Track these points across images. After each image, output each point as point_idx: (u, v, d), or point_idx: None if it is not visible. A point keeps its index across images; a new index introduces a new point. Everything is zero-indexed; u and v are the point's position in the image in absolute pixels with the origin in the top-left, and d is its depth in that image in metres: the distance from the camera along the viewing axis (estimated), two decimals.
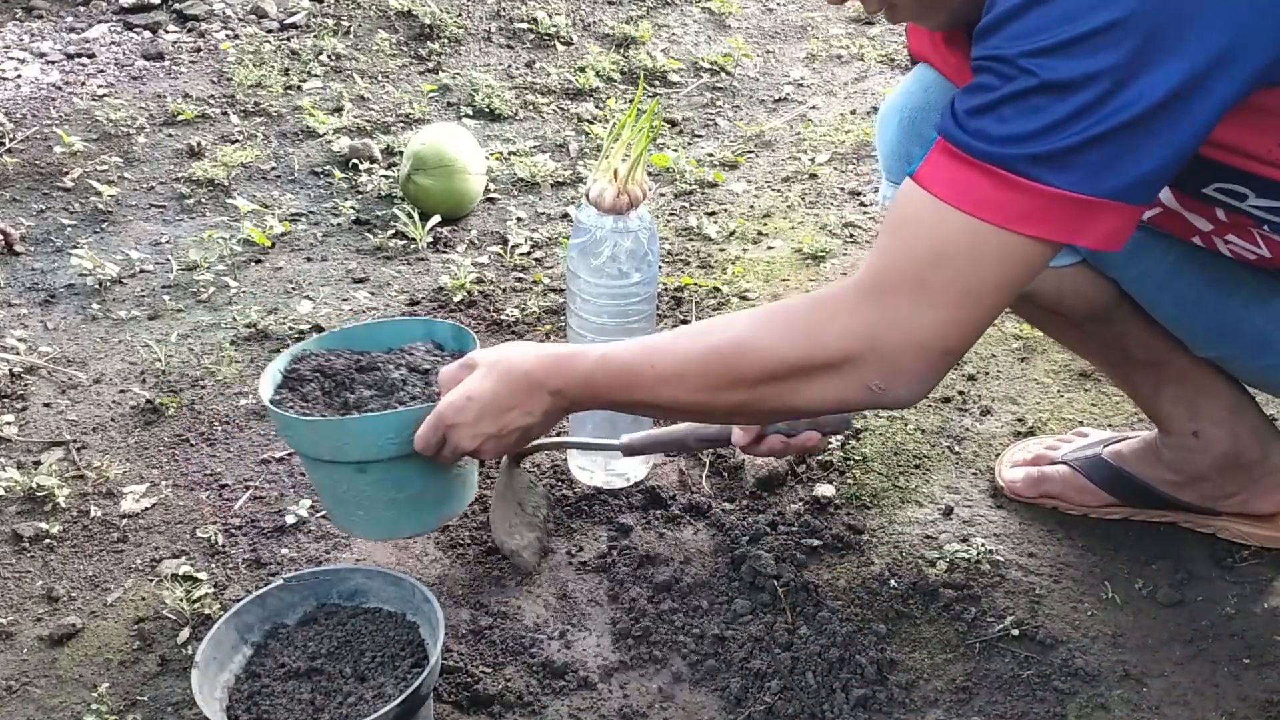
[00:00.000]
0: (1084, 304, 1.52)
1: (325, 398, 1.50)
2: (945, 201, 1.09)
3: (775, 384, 1.21)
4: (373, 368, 1.54)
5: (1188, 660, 1.51)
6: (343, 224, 2.45)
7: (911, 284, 1.12)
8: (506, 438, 1.34)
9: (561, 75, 3.01)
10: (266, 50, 3.07)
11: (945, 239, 1.10)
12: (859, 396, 1.19)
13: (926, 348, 1.14)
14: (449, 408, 1.34)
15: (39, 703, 1.46)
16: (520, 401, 1.33)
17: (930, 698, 1.45)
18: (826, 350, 1.17)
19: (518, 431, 1.34)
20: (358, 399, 1.49)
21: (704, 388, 1.25)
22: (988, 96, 1.06)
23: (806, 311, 1.21)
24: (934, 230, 1.11)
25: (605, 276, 1.64)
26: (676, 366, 1.26)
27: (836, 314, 1.17)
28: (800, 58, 3.16)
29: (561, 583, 1.62)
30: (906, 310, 1.13)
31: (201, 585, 1.60)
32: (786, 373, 1.20)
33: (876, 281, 1.15)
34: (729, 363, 1.23)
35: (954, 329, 1.14)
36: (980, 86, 1.07)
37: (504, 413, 1.33)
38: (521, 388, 1.32)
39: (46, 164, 2.62)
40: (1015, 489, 1.74)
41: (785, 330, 1.20)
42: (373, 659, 1.39)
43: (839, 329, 1.16)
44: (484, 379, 1.33)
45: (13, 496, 1.75)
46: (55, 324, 2.15)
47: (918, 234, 1.12)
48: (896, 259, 1.14)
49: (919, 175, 1.12)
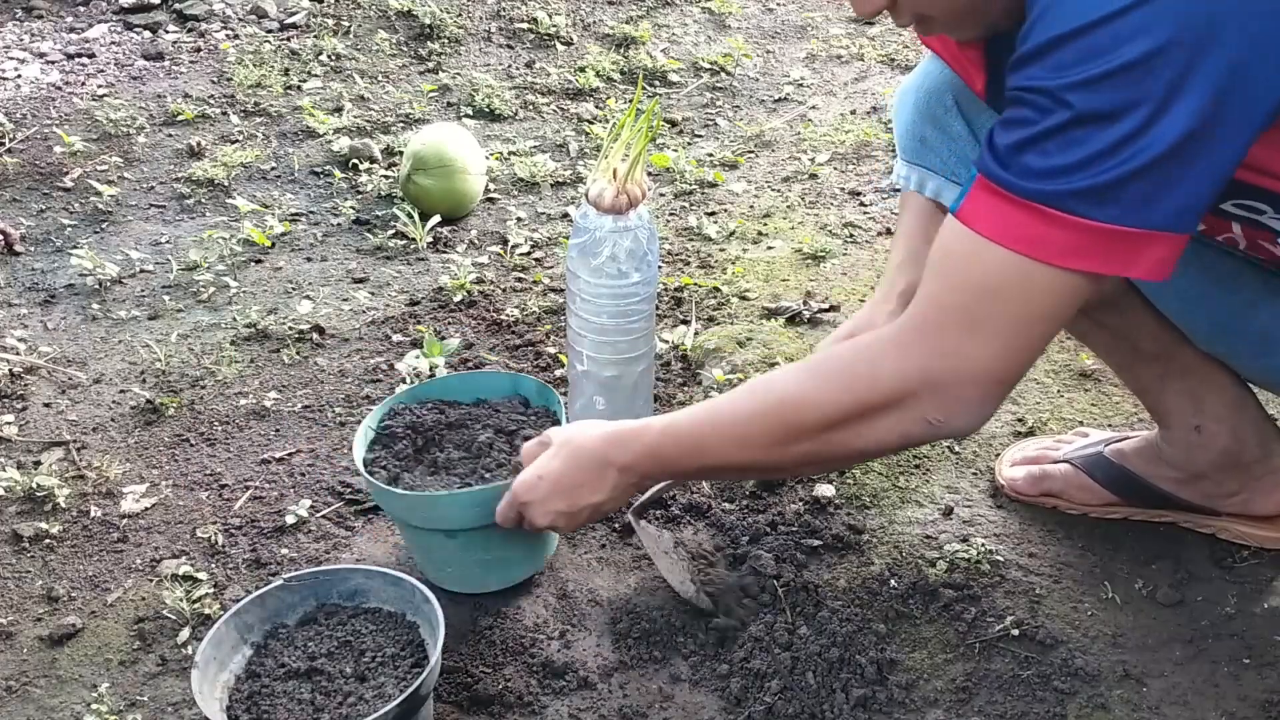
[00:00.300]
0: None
1: (415, 454, 1.61)
2: (990, 239, 1.10)
3: (837, 431, 1.23)
4: (460, 425, 1.65)
5: (1188, 660, 1.51)
6: (343, 224, 2.45)
7: (961, 319, 1.13)
8: (578, 514, 1.40)
9: (561, 75, 3.01)
10: (266, 50, 3.07)
11: (993, 275, 1.11)
12: (920, 431, 1.20)
13: (981, 379, 1.15)
14: (522, 486, 1.41)
15: (39, 703, 1.46)
16: (589, 479, 1.38)
17: (930, 698, 1.45)
18: (882, 391, 1.18)
19: (588, 508, 1.39)
20: (446, 459, 1.60)
21: (769, 445, 1.27)
22: (1027, 131, 1.06)
23: (856, 356, 1.22)
24: (981, 267, 1.11)
25: (605, 276, 1.64)
26: (739, 428, 1.29)
27: (887, 354, 1.18)
28: (800, 58, 3.16)
29: (561, 583, 1.62)
30: (958, 344, 1.14)
31: (201, 585, 1.60)
32: (846, 418, 1.21)
33: (926, 319, 1.16)
34: (788, 418, 1.25)
35: (1006, 360, 1.15)
36: (1018, 120, 1.07)
37: (573, 490, 1.38)
38: (589, 466, 1.38)
39: (46, 164, 2.62)
40: (1016, 487, 1.74)
41: (838, 377, 1.22)
42: (373, 659, 1.39)
43: (891, 369, 1.17)
44: (553, 458, 1.40)
45: (13, 496, 1.75)
46: (55, 324, 2.15)
47: (965, 271, 1.13)
48: (944, 295, 1.15)
49: (962, 214, 1.12)
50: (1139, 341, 1.57)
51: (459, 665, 1.49)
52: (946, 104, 1.52)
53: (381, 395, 1.96)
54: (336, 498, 1.76)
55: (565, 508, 1.39)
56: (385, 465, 1.58)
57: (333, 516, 1.73)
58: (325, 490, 1.78)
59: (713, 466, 1.34)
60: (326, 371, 2.03)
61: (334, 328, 2.14)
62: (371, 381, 2.01)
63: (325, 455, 1.85)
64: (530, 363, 2.03)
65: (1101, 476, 1.68)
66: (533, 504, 1.40)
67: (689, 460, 1.34)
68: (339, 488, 1.78)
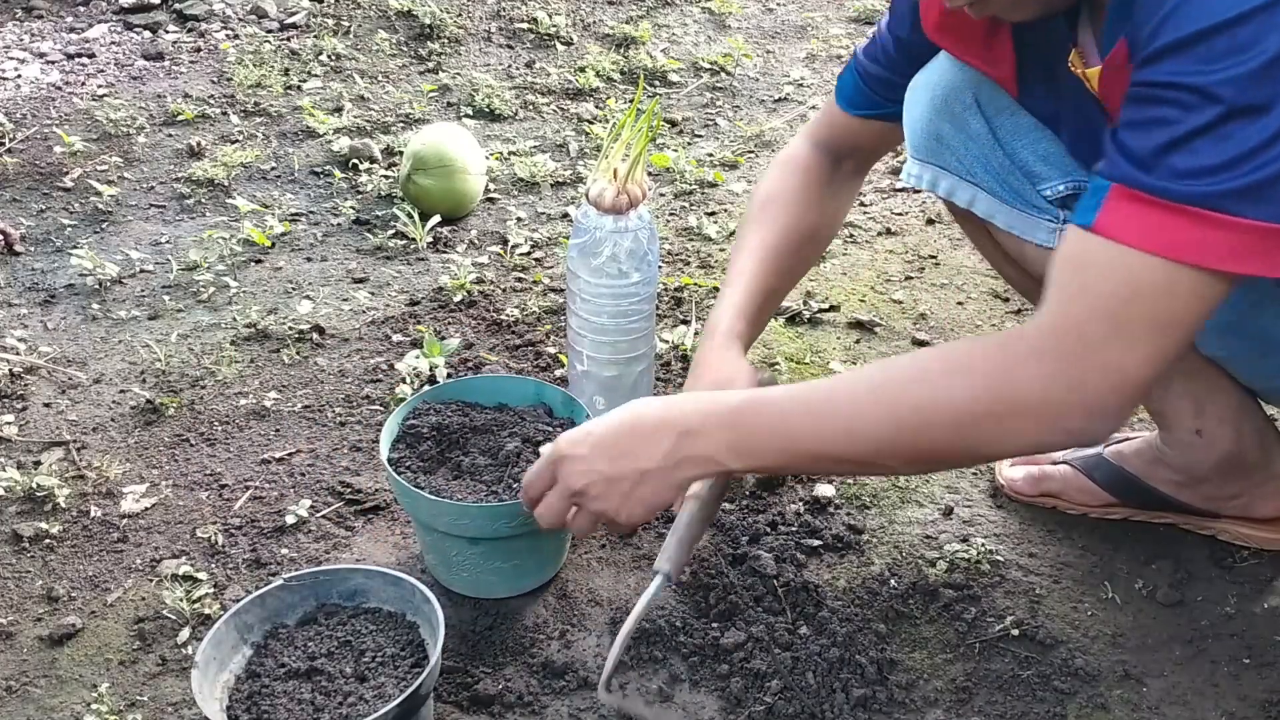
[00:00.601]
0: None
1: (439, 456, 1.61)
2: (1139, 248, 1.05)
3: (966, 432, 1.15)
4: (486, 430, 1.64)
5: (1188, 660, 1.51)
6: (343, 224, 2.45)
7: (1105, 329, 1.08)
8: (618, 481, 1.24)
9: (561, 75, 3.01)
10: (266, 50, 3.07)
11: (1138, 281, 1.06)
12: (1056, 439, 1.14)
13: (1124, 383, 1.10)
14: (565, 439, 1.28)
15: (39, 703, 1.46)
16: (640, 442, 1.23)
17: (930, 698, 1.45)
18: (1022, 395, 1.12)
19: (633, 475, 1.23)
20: (472, 464, 1.59)
21: (882, 438, 1.17)
22: (1172, 131, 1.02)
23: (992, 356, 1.15)
24: (1126, 274, 1.06)
25: (605, 276, 1.64)
26: (843, 416, 1.19)
27: (1028, 358, 1.12)
28: (800, 58, 3.16)
29: (562, 583, 1.62)
30: (1102, 354, 1.09)
31: (201, 585, 1.60)
32: (978, 421, 1.14)
33: (1068, 324, 1.11)
34: (912, 413, 1.16)
35: (1149, 367, 1.09)
36: (1158, 120, 1.03)
37: (621, 451, 1.24)
38: (644, 427, 1.24)
39: (46, 164, 2.62)
40: (1015, 487, 1.74)
41: (974, 376, 1.14)
42: (373, 659, 1.39)
43: (1034, 373, 1.11)
44: (608, 419, 1.27)
45: (13, 496, 1.75)
46: (55, 324, 2.15)
47: (1108, 278, 1.08)
48: (1087, 301, 1.09)
49: (1100, 227, 1.07)
50: None
51: (459, 665, 1.49)
52: (965, 101, 1.47)
53: (381, 395, 1.96)
54: (336, 498, 1.76)
55: (607, 468, 1.24)
56: (410, 465, 1.58)
57: (333, 516, 1.73)
58: (325, 490, 1.78)
59: (801, 453, 1.20)
60: (326, 371, 2.03)
61: (334, 328, 2.14)
62: (371, 381, 2.01)
63: (325, 455, 1.85)
64: (530, 363, 2.03)
65: (1101, 478, 1.68)
66: (571, 459, 1.26)
67: (772, 441, 1.20)
68: (339, 488, 1.78)
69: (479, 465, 1.59)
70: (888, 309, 2.20)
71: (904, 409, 1.16)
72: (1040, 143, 1.45)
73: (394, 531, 1.71)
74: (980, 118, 1.47)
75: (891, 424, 1.16)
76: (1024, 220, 1.49)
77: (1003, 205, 1.49)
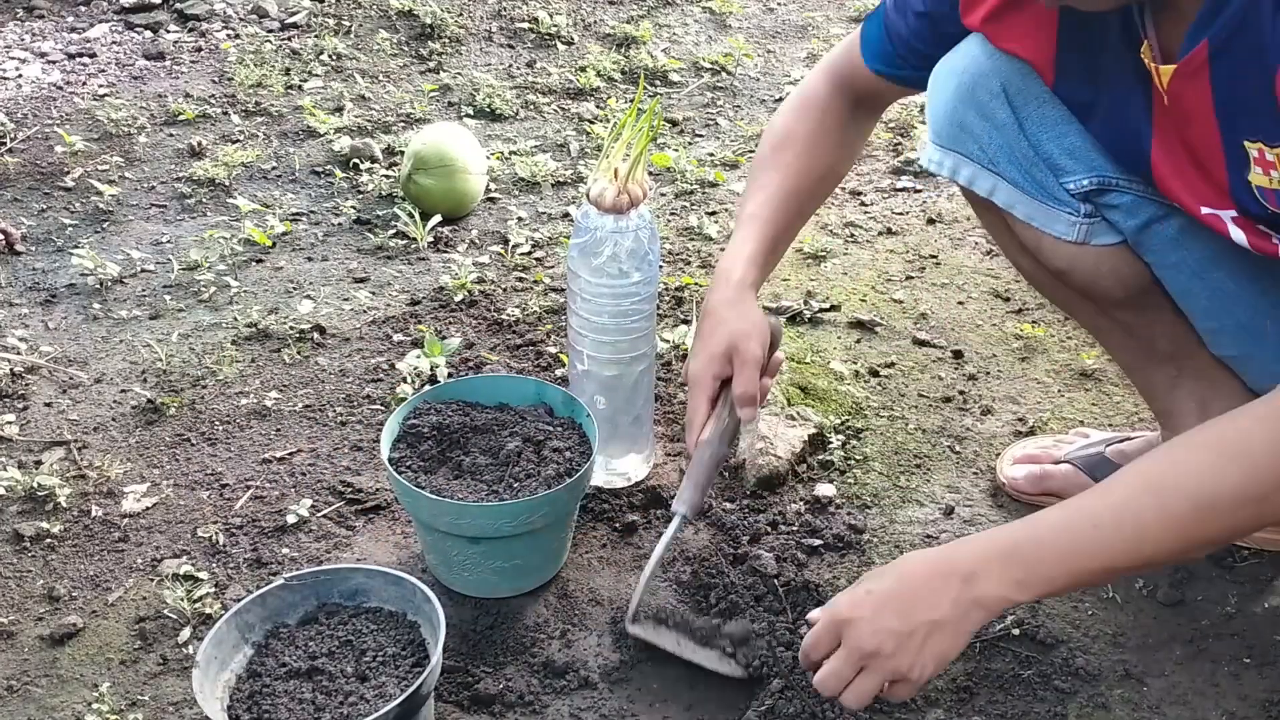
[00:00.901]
0: (1119, 285, 1.51)
1: (440, 455, 1.62)
2: None
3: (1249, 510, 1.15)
4: (486, 429, 1.64)
5: (1188, 660, 1.51)
6: (343, 224, 2.45)
7: None
8: (913, 635, 1.20)
9: (562, 75, 3.01)
10: (267, 50, 3.07)
11: None
12: None
13: None
14: (846, 602, 1.23)
15: (39, 702, 1.47)
16: (926, 595, 1.20)
17: (930, 698, 1.45)
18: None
19: (925, 626, 1.19)
20: (473, 464, 1.60)
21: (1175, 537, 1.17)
22: None
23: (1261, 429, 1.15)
24: None
25: (606, 276, 1.64)
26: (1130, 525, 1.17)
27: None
28: (800, 58, 3.16)
29: (562, 583, 1.62)
30: None
31: (202, 585, 1.60)
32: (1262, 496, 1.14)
33: None
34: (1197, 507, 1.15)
35: None
36: None
37: (909, 606, 1.20)
38: (925, 576, 1.21)
39: (47, 164, 2.62)
40: (1017, 486, 1.74)
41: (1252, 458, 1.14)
42: (373, 658, 1.39)
43: None
44: (881, 576, 1.24)
45: (13, 496, 1.75)
46: (56, 324, 2.15)
47: None
48: None
49: None
50: (1155, 341, 1.57)
51: (460, 665, 1.49)
52: (993, 89, 1.44)
53: (382, 395, 1.97)
54: (337, 497, 1.76)
55: (899, 625, 1.19)
56: (411, 464, 1.59)
57: (333, 516, 1.73)
58: (326, 490, 1.78)
59: (1092, 570, 1.19)
60: (327, 371, 2.03)
61: (335, 327, 2.14)
62: (372, 381, 2.01)
63: (326, 455, 1.85)
64: (531, 362, 2.03)
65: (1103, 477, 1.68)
66: (857, 621, 1.21)
67: (1060, 567, 1.18)
68: (340, 487, 1.78)
69: (480, 465, 1.59)
70: (888, 309, 2.20)
71: (1187, 506, 1.16)
72: (1067, 136, 1.44)
73: (395, 531, 1.71)
74: (1007, 107, 1.45)
75: (1177, 525, 1.16)
76: (1044, 212, 1.48)
77: (1023, 196, 1.48)
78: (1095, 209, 1.46)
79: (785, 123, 1.62)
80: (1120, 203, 1.44)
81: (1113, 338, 1.63)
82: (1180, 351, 1.55)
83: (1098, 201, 1.45)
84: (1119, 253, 1.48)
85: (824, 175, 1.62)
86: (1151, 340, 1.57)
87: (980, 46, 1.45)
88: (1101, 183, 1.44)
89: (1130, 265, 1.49)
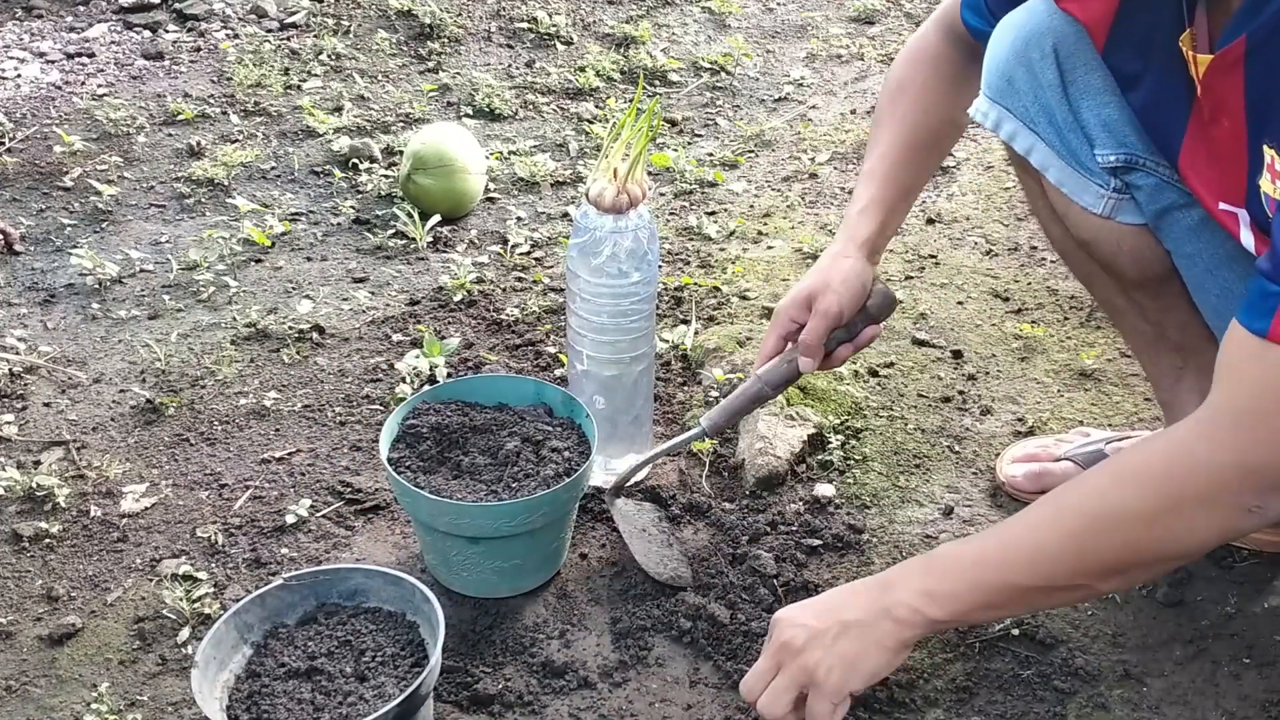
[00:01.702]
0: (1138, 268, 1.51)
1: (439, 455, 1.62)
2: None
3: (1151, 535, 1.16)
4: (485, 430, 1.65)
5: (1188, 660, 1.51)
6: (343, 223, 2.45)
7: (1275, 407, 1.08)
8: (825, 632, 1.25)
9: (561, 75, 3.01)
10: (266, 50, 3.07)
11: None
12: (1242, 522, 1.14)
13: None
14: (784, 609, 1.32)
15: (39, 702, 1.46)
16: (846, 597, 1.29)
17: (930, 698, 1.45)
18: (1196, 483, 1.12)
19: (836, 625, 1.25)
20: (472, 464, 1.60)
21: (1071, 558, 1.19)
22: None
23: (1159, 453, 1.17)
24: None
25: (605, 276, 1.64)
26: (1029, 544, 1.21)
27: (1197, 446, 1.13)
28: (800, 57, 3.16)
29: (562, 582, 1.62)
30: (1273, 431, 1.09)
31: (201, 585, 1.60)
32: (1159, 518, 1.15)
33: (1236, 409, 1.11)
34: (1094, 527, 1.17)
35: None
36: None
37: (828, 607, 1.28)
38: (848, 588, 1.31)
39: (46, 163, 2.62)
40: (1016, 484, 1.74)
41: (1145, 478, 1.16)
42: (373, 658, 1.39)
43: (1205, 459, 1.12)
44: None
45: (13, 496, 1.75)
46: (55, 324, 2.15)
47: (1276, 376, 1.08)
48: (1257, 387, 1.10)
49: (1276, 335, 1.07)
50: (1166, 329, 1.56)
51: (459, 665, 1.49)
52: (1044, 49, 1.43)
53: (381, 395, 1.96)
54: (336, 497, 1.76)
55: (814, 622, 1.26)
56: (410, 465, 1.59)
57: (333, 516, 1.73)
58: (325, 490, 1.78)
59: (993, 586, 1.22)
60: (326, 371, 2.03)
61: (334, 327, 2.14)
62: (371, 381, 2.01)
63: (325, 455, 1.85)
64: (530, 362, 2.03)
65: None
66: (783, 618, 1.30)
67: (963, 577, 1.22)
68: (339, 487, 1.78)
69: (479, 465, 1.59)
70: None
71: (1081, 523, 1.17)
72: (1105, 107, 1.43)
73: (394, 531, 1.71)
74: (1054, 68, 1.44)
75: (1072, 541, 1.18)
76: (1075, 179, 1.48)
77: (1058, 160, 1.48)
78: (1124, 185, 1.45)
79: (899, 74, 1.62)
80: (1144, 184, 1.43)
81: (1127, 319, 1.63)
82: (1188, 344, 1.55)
83: (1124, 179, 1.45)
84: (1141, 233, 1.48)
85: (941, 125, 1.61)
86: (1163, 327, 1.56)
87: (1044, 4, 1.44)
88: (1129, 160, 1.43)
89: (1151, 249, 1.49)
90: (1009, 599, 1.24)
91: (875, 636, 1.24)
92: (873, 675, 1.26)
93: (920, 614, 1.23)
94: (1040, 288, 2.24)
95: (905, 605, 1.23)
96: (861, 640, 1.24)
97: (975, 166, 2.64)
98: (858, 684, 1.25)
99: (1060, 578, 1.20)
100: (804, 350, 1.53)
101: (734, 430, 1.87)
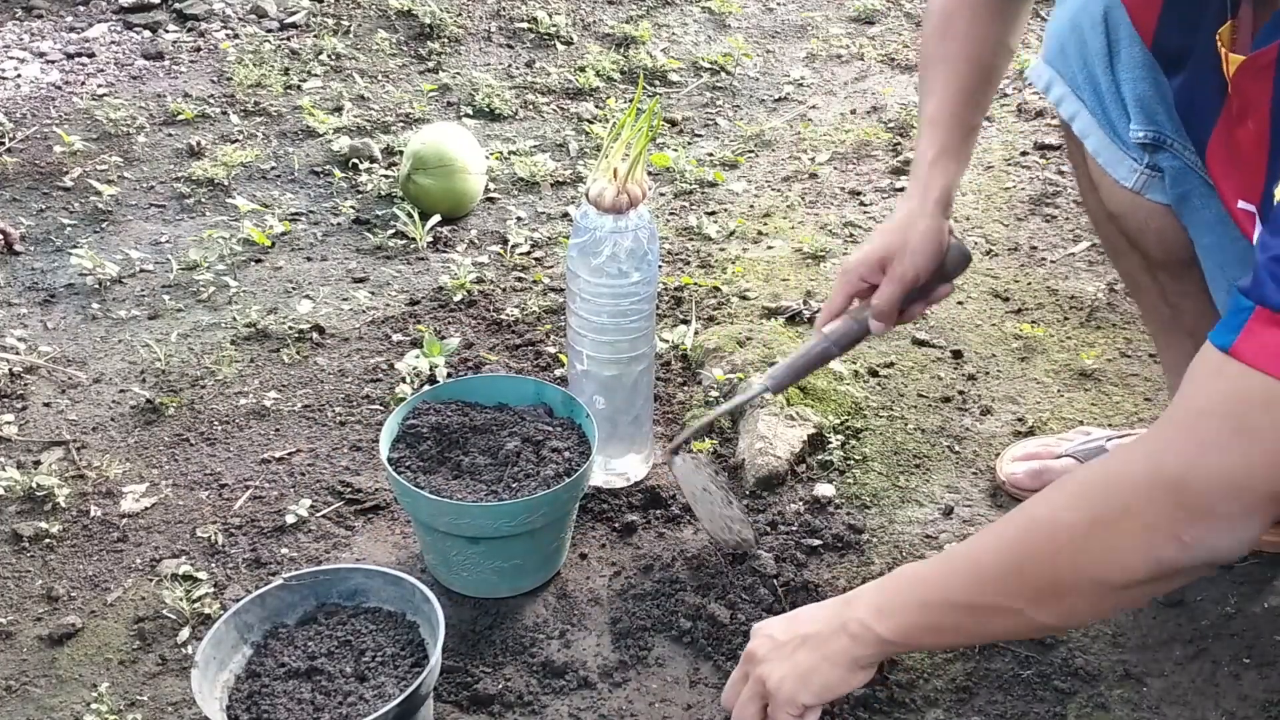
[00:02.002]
0: (1162, 248, 1.51)
1: (439, 455, 1.62)
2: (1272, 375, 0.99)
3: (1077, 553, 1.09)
4: (485, 430, 1.65)
5: (1188, 660, 1.51)
6: (343, 224, 2.45)
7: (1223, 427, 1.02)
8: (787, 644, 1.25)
9: (561, 75, 3.01)
10: (266, 50, 3.07)
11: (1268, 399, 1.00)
12: (1172, 553, 1.05)
13: (1241, 490, 1.02)
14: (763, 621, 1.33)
15: (39, 702, 1.46)
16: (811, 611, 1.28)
17: (930, 698, 1.45)
18: (1128, 495, 1.06)
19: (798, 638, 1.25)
20: (472, 464, 1.60)
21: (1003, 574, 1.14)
22: None
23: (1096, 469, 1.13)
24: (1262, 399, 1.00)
25: (605, 276, 1.64)
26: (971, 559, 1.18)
27: (1137, 456, 1.08)
28: (800, 57, 3.16)
29: (561, 583, 1.62)
30: (1216, 448, 1.02)
31: (201, 585, 1.60)
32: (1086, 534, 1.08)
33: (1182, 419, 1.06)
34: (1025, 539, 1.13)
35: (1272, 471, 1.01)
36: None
37: (794, 620, 1.28)
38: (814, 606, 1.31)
39: (46, 163, 2.62)
40: (1017, 481, 1.74)
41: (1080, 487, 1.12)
42: (373, 659, 1.39)
43: (1142, 469, 1.06)
44: None
45: (13, 496, 1.75)
46: (55, 324, 2.15)
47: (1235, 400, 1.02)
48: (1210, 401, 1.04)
49: (1239, 352, 1.01)
50: (1183, 314, 1.56)
51: (459, 665, 1.49)
52: (1095, 16, 1.41)
53: (381, 395, 1.96)
54: (336, 497, 1.76)
55: (779, 634, 1.27)
56: (410, 465, 1.59)
57: (333, 516, 1.73)
58: (325, 490, 1.78)
59: (935, 603, 1.18)
60: (326, 371, 2.03)
61: (334, 327, 2.14)
62: (371, 381, 2.01)
63: (325, 455, 1.85)
64: (530, 362, 2.03)
65: None
66: (756, 630, 1.31)
67: (910, 595, 1.20)
68: (339, 487, 1.78)
69: (479, 465, 1.59)
70: None
71: (1016, 534, 1.14)
72: (1141, 82, 1.41)
73: (394, 531, 1.71)
74: (1103, 38, 1.42)
75: (1008, 556, 1.14)
76: (1111, 150, 1.47)
77: (1097, 129, 1.47)
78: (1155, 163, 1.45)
79: (943, 4, 1.54)
80: (1168, 166, 1.43)
81: (1147, 297, 1.62)
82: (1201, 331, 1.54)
83: (1153, 157, 1.44)
84: (1169, 214, 1.47)
85: (995, 53, 1.54)
86: (1180, 311, 1.56)
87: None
88: (1157, 139, 1.42)
89: (1176, 231, 1.48)
90: (950, 620, 1.20)
91: (826, 651, 1.23)
92: (824, 689, 1.23)
93: (870, 631, 1.20)
94: (1040, 288, 2.24)
95: (857, 621, 1.21)
96: (814, 654, 1.23)
97: (975, 166, 2.64)
98: (809, 698, 1.23)
99: (992, 594, 1.15)
100: (876, 314, 1.48)
101: (734, 430, 1.88)
